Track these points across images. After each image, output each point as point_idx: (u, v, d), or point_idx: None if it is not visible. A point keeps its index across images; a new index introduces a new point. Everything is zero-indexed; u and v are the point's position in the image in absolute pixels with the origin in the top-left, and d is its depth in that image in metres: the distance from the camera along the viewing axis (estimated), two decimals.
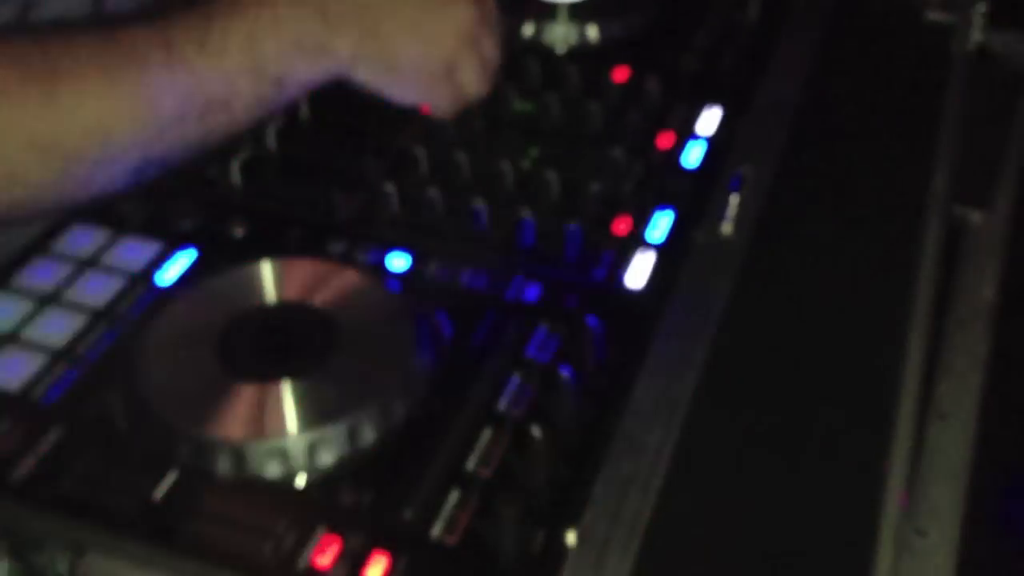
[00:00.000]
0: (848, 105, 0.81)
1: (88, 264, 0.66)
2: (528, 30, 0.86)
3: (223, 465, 0.54)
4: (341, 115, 0.78)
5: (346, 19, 0.67)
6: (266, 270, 0.62)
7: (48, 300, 0.64)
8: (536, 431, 0.54)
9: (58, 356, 0.60)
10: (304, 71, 0.66)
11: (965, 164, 0.80)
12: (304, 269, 0.63)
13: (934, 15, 0.89)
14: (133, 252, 0.67)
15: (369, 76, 0.69)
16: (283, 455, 0.54)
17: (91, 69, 0.59)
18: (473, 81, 0.73)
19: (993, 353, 0.74)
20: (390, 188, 0.70)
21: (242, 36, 0.63)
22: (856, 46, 0.87)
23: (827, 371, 0.60)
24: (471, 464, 0.54)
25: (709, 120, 0.78)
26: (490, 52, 0.74)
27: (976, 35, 0.88)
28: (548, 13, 0.87)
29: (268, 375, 0.56)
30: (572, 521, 0.52)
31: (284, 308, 0.61)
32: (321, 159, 0.75)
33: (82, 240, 0.68)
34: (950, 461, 0.66)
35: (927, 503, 0.62)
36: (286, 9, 0.64)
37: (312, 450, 0.54)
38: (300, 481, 0.54)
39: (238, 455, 0.54)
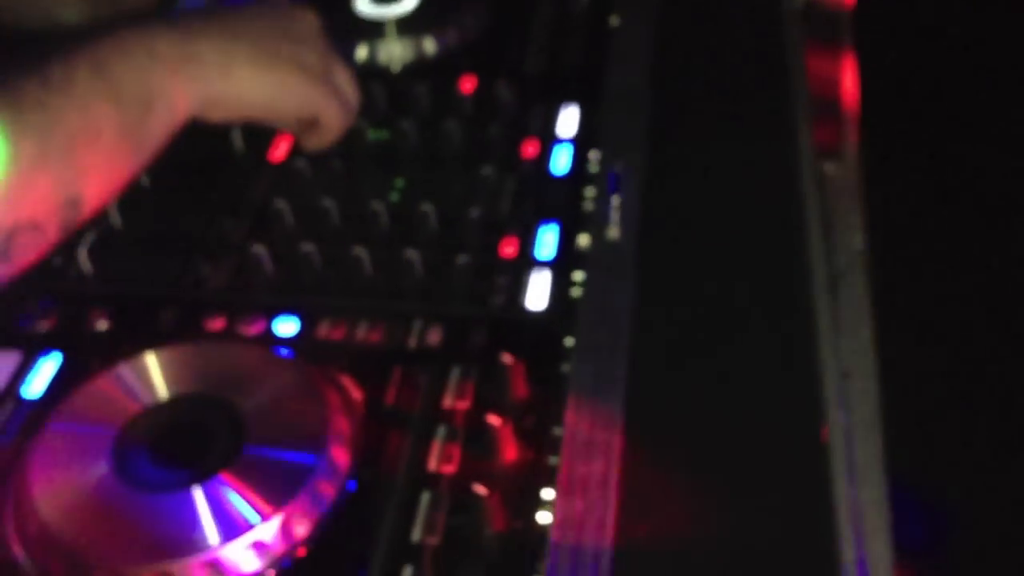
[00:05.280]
0: (697, 80, 0.81)
1: None
2: (361, 52, 0.82)
3: None
4: (183, 176, 0.73)
5: (206, 27, 0.62)
6: (150, 362, 0.57)
7: None
8: (478, 488, 0.51)
9: None
10: (171, 87, 0.59)
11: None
12: (192, 355, 0.58)
13: None
14: None
15: (250, 82, 0.63)
16: (215, 570, 0.50)
17: None
18: (349, 83, 0.69)
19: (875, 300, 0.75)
20: (260, 249, 0.66)
21: (87, 62, 0.56)
22: (691, 18, 0.87)
23: (741, 353, 0.60)
24: (417, 534, 0.52)
25: (568, 120, 0.77)
26: (347, 63, 0.70)
27: None
28: (376, 31, 0.84)
29: (178, 483, 0.52)
30: (534, 571, 0.50)
31: (180, 403, 0.56)
32: (175, 228, 0.70)
33: None
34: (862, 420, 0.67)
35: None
36: (131, 30, 0.59)
37: (246, 556, 0.50)
38: None
39: None
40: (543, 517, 0.52)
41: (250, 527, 0.51)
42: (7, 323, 0.63)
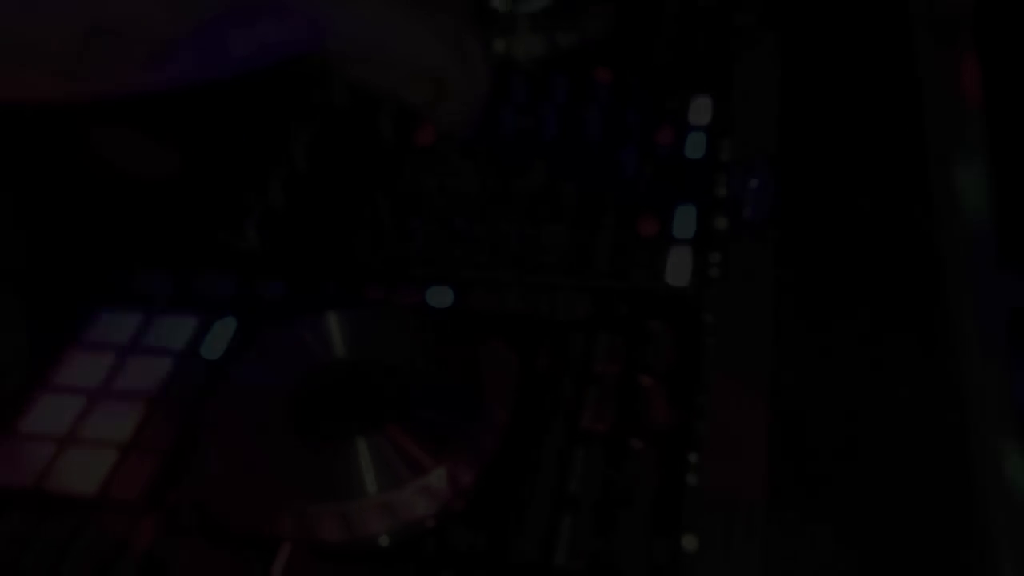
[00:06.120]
0: (826, 70, 0.83)
1: (129, 350, 0.64)
2: (499, 46, 0.86)
3: (330, 531, 0.54)
4: (336, 161, 0.77)
5: None
6: (325, 323, 0.62)
7: (98, 394, 0.62)
8: (632, 443, 0.55)
9: (127, 449, 0.59)
10: (252, 31, 0.54)
11: None
12: (361, 318, 0.63)
13: None
14: (172, 330, 0.65)
15: (339, 50, 0.58)
16: (389, 510, 0.54)
17: None
18: (479, 57, 0.63)
19: None
20: (411, 225, 0.70)
21: None
22: (816, 17, 0.89)
23: (878, 342, 0.62)
24: (574, 486, 0.55)
25: (699, 109, 0.79)
26: (479, 58, 0.63)
27: None
28: (509, 25, 0.87)
29: (351, 433, 0.56)
30: (687, 526, 0.53)
31: (350, 362, 0.60)
32: (331, 207, 0.74)
33: (114, 326, 0.66)
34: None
35: None
36: None
37: (414, 501, 0.54)
38: (409, 535, 0.54)
39: (344, 518, 0.53)
40: (694, 478, 0.55)
41: (415, 476, 0.54)
42: (184, 290, 0.68)
